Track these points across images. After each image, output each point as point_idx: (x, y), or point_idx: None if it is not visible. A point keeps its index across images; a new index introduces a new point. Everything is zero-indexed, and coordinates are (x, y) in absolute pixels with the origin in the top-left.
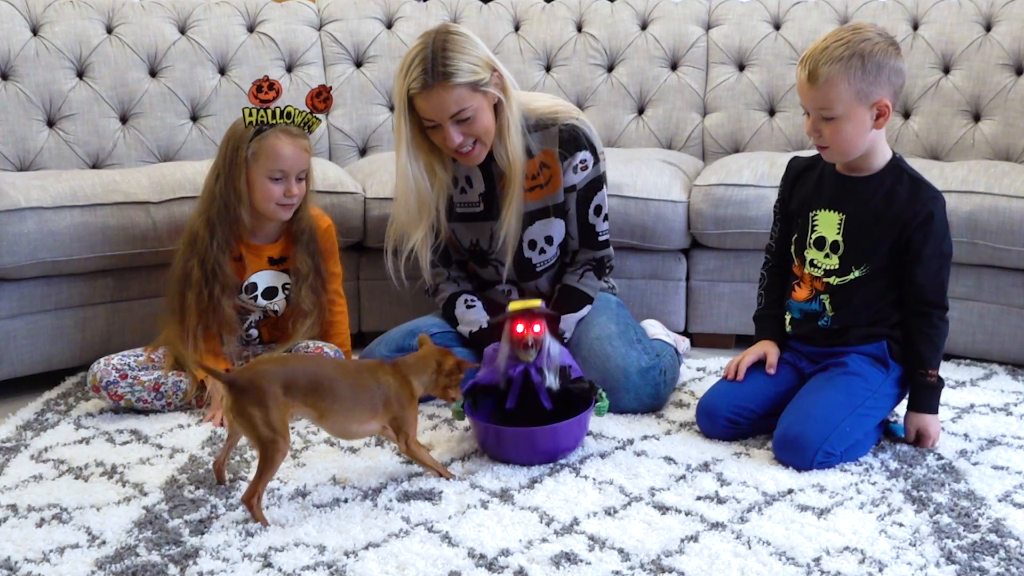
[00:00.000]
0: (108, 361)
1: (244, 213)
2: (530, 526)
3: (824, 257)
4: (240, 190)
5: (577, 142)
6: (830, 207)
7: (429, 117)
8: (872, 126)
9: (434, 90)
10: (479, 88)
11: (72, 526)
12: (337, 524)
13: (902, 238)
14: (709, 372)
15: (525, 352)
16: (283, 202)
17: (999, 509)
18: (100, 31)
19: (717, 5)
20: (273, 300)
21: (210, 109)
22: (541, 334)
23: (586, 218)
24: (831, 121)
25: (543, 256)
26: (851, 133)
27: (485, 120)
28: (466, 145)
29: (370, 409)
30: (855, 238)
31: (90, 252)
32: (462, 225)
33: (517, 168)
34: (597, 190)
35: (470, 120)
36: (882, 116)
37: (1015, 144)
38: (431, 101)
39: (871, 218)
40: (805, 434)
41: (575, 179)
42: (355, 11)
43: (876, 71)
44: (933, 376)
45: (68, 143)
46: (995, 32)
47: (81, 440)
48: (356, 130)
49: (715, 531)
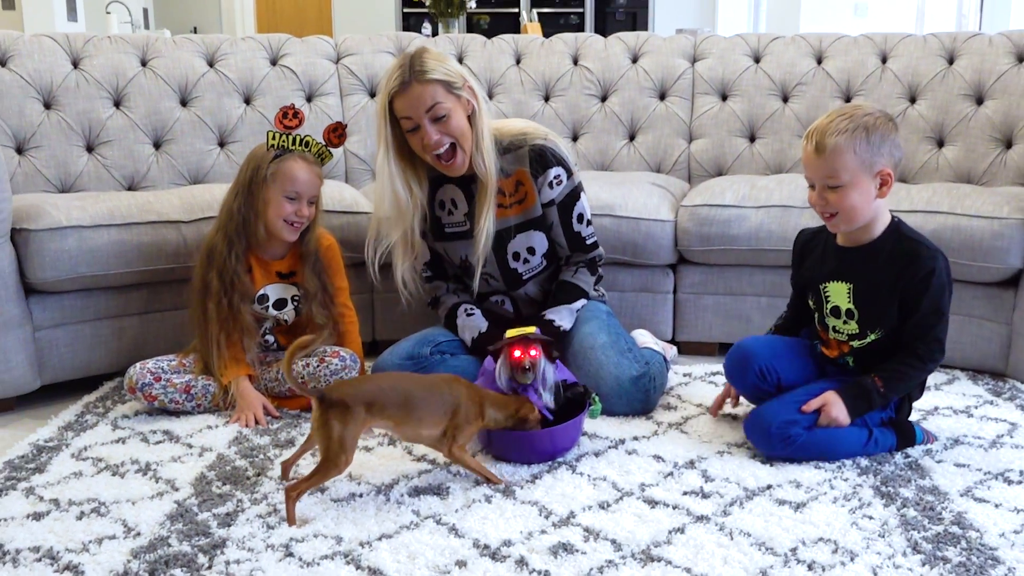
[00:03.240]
0: (143, 365)
1: (260, 227)
2: (530, 519)
3: (843, 324)
4: (258, 206)
5: (545, 160)
6: (837, 278)
7: (407, 115)
8: (876, 195)
9: (411, 86)
10: (453, 90)
11: (109, 519)
12: (353, 517)
13: (906, 298)
14: (695, 377)
15: (523, 375)
16: (292, 220)
17: (961, 503)
18: (135, 64)
19: (702, 40)
20: (283, 311)
21: (236, 136)
22: (537, 358)
23: (571, 227)
24: (837, 190)
25: (527, 265)
26: (857, 200)
27: (460, 122)
28: (443, 144)
29: (440, 416)
30: (866, 304)
31: (126, 267)
32: (452, 244)
33: (492, 176)
34: (576, 200)
35: (445, 118)
36: (885, 185)
37: (975, 168)
38: (409, 97)
39: (877, 284)
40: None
41: (552, 194)
42: (369, 46)
43: (880, 142)
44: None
45: (106, 167)
46: (957, 65)
47: (118, 440)
48: (370, 155)
49: (700, 523)
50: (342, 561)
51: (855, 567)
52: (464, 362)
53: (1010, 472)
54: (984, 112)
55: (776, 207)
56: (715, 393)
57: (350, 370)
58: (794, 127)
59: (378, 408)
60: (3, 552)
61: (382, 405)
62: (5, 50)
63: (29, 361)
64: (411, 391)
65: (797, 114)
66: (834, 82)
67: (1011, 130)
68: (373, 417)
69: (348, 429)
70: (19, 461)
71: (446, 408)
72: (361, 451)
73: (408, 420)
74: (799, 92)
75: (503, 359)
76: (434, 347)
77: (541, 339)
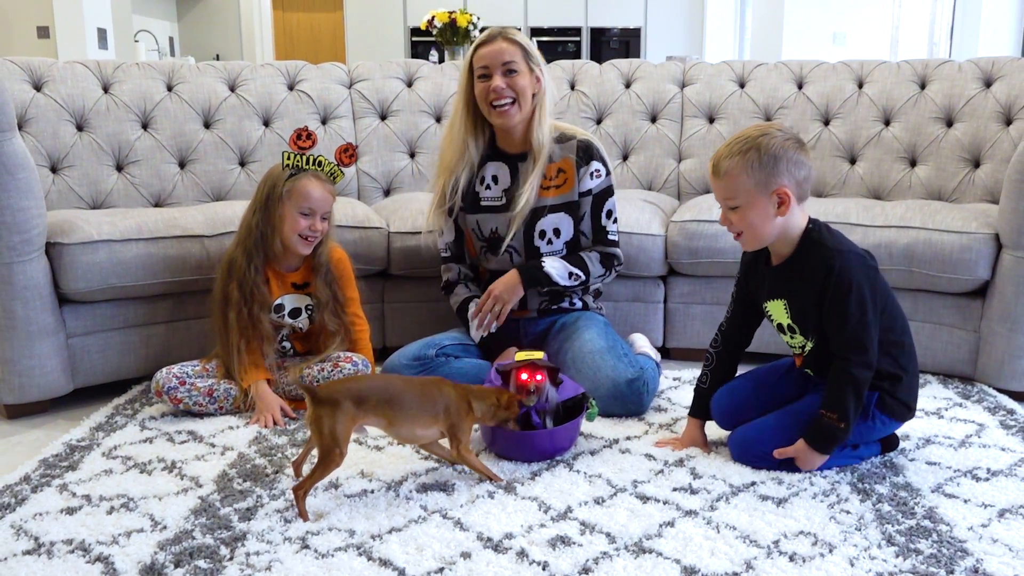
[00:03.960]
0: (170, 370)
1: (276, 242)
2: (530, 513)
3: (791, 338)
4: (274, 222)
5: (591, 153)
6: (773, 296)
7: (484, 64)
8: (776, 213)
9: (496, 40)
10: (529, 61)
11: (138, 513)
12: (364, 511)
13: (822, 303)
14: (684, 381)
15: (528, 397)
16: (307, 234)
17: (932, 499)
18: (162, 89)
19: (690, 66)
20: (298, 319)
21: (256, 156)
22: (542, 383)
23: (599, 220)
24: (736, 210)
25: (550, 247)
26: (756, 220)
27: (526, 86)
28: (506, 95)
29: (432, 416)
30: (801, 316)
31: (152, 279)
32: (485, 216)
33: (544, 150)
34: (609, 196)
35: (516, 75)
36: (783, 204)
37: (946, 186)
38: (491, 48)
39: (803, 295)
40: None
41: (590, 184)
42: (380, 72)
43: (773, 163)
44: (828, 418)
45: (134, 185)
46: (928, 90)
47: (145, 440)
48: (381, 174)
49: (689, 517)
50: (355, 553)
51: (833, 558)
52: (467, 365)
53: (978, 470)
54: (954, 134)
55: None
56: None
57: (362, 374)
58: None
59: (368, 405)
60: (39, 544)
61: (371, 402)
62: (40, 76)
63: (62, 366)
64: (400, 390)
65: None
66: (814, 106)
67: (979, 150)
68: (364, 413)
69: (338, 424)
70: (53, 459)
71: (437, 408)
72: (372, 450)
73: (400, 419)
74: (781, 115)
75: (512, 382)
76: (439, 350)
77: (548, 365)
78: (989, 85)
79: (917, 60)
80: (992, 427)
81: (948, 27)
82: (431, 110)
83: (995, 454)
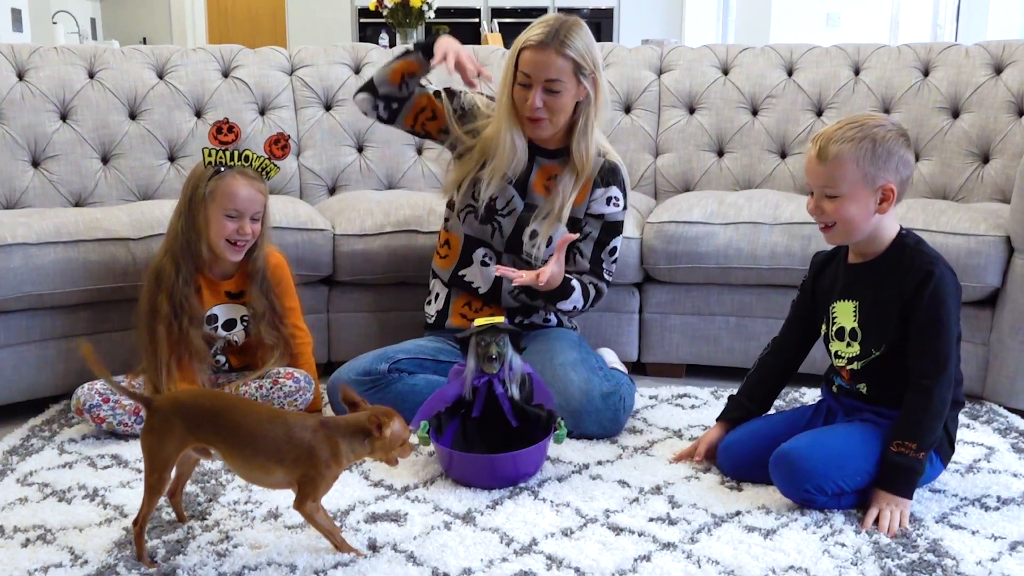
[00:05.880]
0: (92, 386)
1: (203, 249)
2: (491, 546)
3: (846, 347)
4: (199, 227)
5: (615, 178)
6: (844, 296)
7: (527, 71)
8: (876, 210)
9: (547, 50)
10: (578, 74)
11: (56, 546)
12: (307, 544)
13: (905, 309)
14: (661, 400)
15: (489, 365)
16: (235, 239)
17: (937, 530)
18: (83, 76)
19: (668, 51)
20: (233, 331)
21: (187, 150)
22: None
23: (600, 253)
24: (834, 199)
25: (535, 251)
26: (853, 213)
27: (567, 103)
28: (542, 112)
29: (275, 459)
30: (870, 322)
31: (73, 286)
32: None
33: (588, 166)
34: (618, 233)
35: (557, 94)
36: (886, 201)
37: (951, 183)
38: (538, 58)
39: (880, 299)
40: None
41: (604, 209)
42: (324, 57)
43: (886, 157)
44: (904, 450)
45: (52, 182)
46: (932, 77)
47: (64, 464)
48: (325, 170)
49: (667, 551)
50: None
51: None
52: (421, 382)
53: (987, 498)
54: (960, 125)
55: (745, 224)
56: (683, 416)
57: (304, 391)
58: (764, 141)
59: (201, 429)
60: None
61: (205, 426)
62: None
63: None
64: (241, 417)
65: (767, 128)
66: (805, 94)
67: (988, 144)
68: (194, 438)
69: (164, 444)
70: None
71: (282, 454)
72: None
73: (232, 456)
74: (769, 105)
75: (470, 349)
76: (392, 364)
77: (509, 329)
78: (999, 72)
79: (920, 44)
80: (1003, 450)
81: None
82: None
83: (1006, 480)
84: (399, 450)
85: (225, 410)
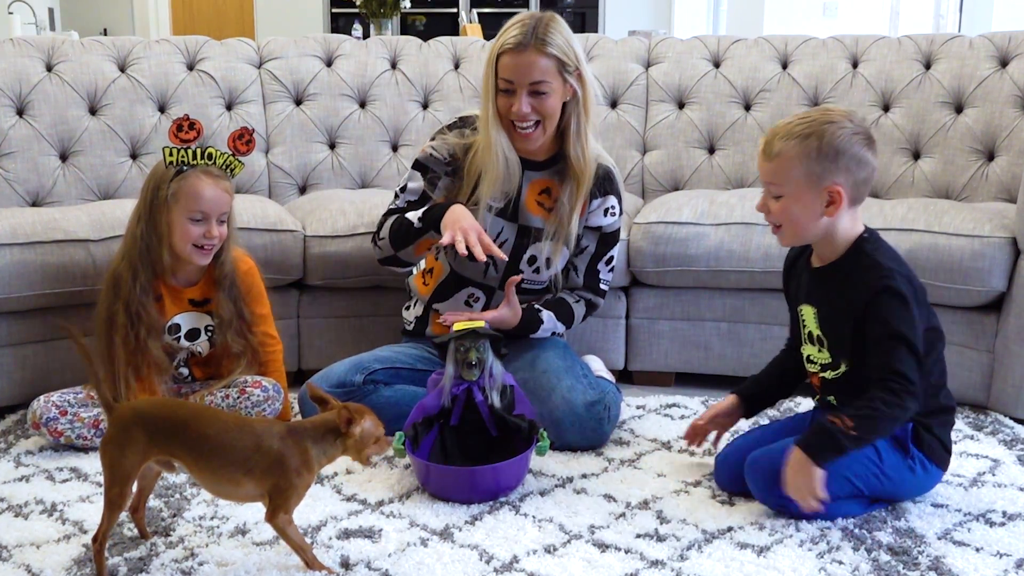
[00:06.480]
0: (48, 398)
1: (165, 254)
2: (470, 564)
3: (818, 352)
4: (161, 231)
5: (611, 185)
6: (807, 301)
7: (509, 77)
8: (822, 212)
9: (526, 51)
10: (563, 72)
11: (12, 564)
12: (277, 561)
13: (859, 321)
14: (649, 410)
15: (468, 371)
16: (202, 243)
17: (939, 547)
18: (40, 69)
19: (657, 43)
20: (196, 341)
21: (149, 147)
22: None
23: (596, 264)
24: (779, 200)
25: (536, 276)
26: (798, 215)
27: (555, 105)
28: (530, 119)
29: (243, 471)
30: (831, 330)
31: (29, 290)
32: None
33: (589, 170)
34: (615, 242)
35: (544, 96)
36: (833, 204)
37: (954, 182)
38: (519, 61)
39: (837, 307)
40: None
41: (602, 221)
42: (295, 49)
43: (834, 155)
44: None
45: (7, 181)
46: (934, 70)
47: (21, 478)
48: (296, 168)
49: (655, 569)
50: None
51: None
52: (398, 393)
53: (992, 513)
54: (964, 121)
55: (737, 224)
56: (671, 427)
57: (273, 401)
58: (757, 137)
59: (163, 440)
60: None
61: (171, 438)
62: None
63: None
64: (206, 426)
65: (760, 123)
66: (801, 88)
67: (993, 140)
68: (157, 449)
69: (125, 456)
70: None
71: (251, 464)
72: None
73: (199, 468)
74: (762, 99)
75: (449, 354)
76: (367, 375)
77: (490, 334)
78: (1005, 64)
79: (921, 35)
80: (1008, 463)
81: None
82: (354, 94)
83: (1012, 495)
84: (373, 447)
85: (190, 419)
